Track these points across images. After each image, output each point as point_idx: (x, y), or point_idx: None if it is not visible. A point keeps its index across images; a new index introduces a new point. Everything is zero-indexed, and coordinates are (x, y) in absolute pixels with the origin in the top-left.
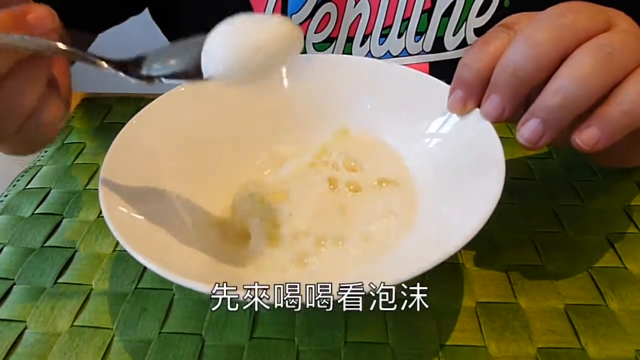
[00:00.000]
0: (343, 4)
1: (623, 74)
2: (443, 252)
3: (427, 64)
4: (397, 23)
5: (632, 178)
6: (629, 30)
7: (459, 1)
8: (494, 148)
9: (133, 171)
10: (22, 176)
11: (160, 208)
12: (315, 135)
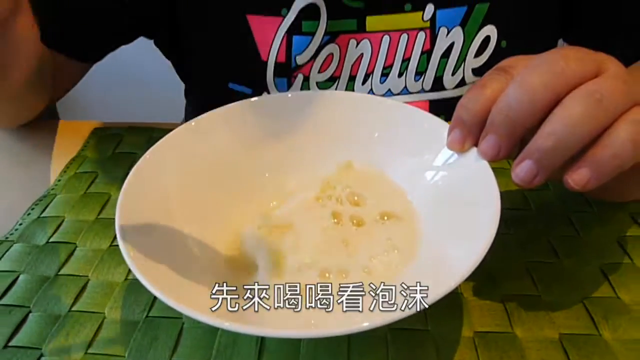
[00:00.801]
0: (345, 45)
1: (612, 119)
2: (442, 290)
3: (427, 102)
4: (398, 63)
5: (626, 210)
6: (618, 76)
7: (457, 43)
8: (491, 186)
9: (147, 204)
10: (36, 205)
11: (172, 240)
12: (320, 168)
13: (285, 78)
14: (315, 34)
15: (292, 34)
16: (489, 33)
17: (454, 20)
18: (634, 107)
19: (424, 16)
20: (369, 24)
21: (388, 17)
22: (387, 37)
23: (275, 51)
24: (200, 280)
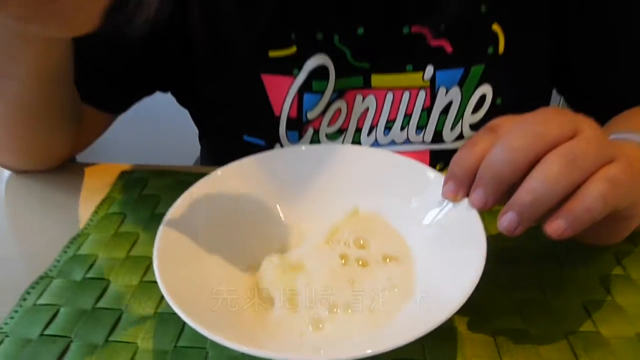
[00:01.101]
0: (352, 100)
1: (585, 177)
2: (432, 324)
3: (427, 152)
4: (400, 118)
5: (610, 250)
6: (591, 138)
7: (455, 101)
8: (479, 232)
9: (179, 246)
10: (71, 243)
11: (201, 277)
12: (330, 215)
13: (297, 131)
14: (325, 92)
15: (303, 92)
16: (485, 92)
17: (452, 81)
18: (605, 166)
19: (424, 76)
20: (374, 81)
21: (391, 76)
22: (391, 93)
23: (288, 107)
24: (226, 312)
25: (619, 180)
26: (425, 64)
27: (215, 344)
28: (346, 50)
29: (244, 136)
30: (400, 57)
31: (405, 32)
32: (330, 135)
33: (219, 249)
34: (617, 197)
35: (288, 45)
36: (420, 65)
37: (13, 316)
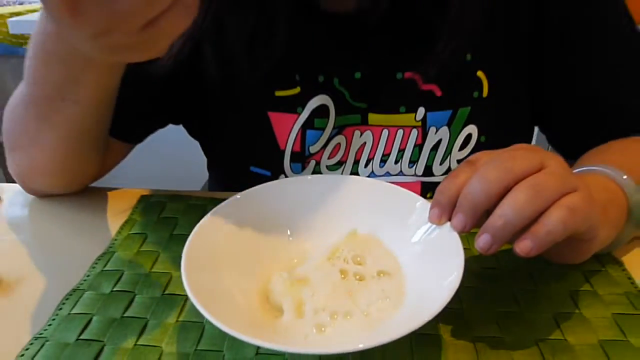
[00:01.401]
0: (351, 135)
1: (548, 204)
2: (416, 324)
3: (419, 183)
4: (394, 153)
5: (580, 268)
6: (555, 171)
7: (444, 139)
8: (459, 251)
9: (202, 260)
10: (99, 260)
11: (221, 287)
12: (332, 236)
13: (300, 164)
14: (325, 129)
15: (306, 128)
16: (471, 131)
17: (442, 121)
18: (566, 195)
19: (416, 117)
20: (371, 119)
21: (386, 115)
22: (386, 130)
23: (292, 142)
24: (242, 318)
25: (577, 207)
26: (417, 106)
27: (230, 347)
28: (345, 91)
29: (251, 167)
30: (395, 100)
31: (398, 77)
32: (330, 167)
33: (236, 264)
34: (575, 222)
35: (293, 86)
36: (413, 107)
37: (51, 323)
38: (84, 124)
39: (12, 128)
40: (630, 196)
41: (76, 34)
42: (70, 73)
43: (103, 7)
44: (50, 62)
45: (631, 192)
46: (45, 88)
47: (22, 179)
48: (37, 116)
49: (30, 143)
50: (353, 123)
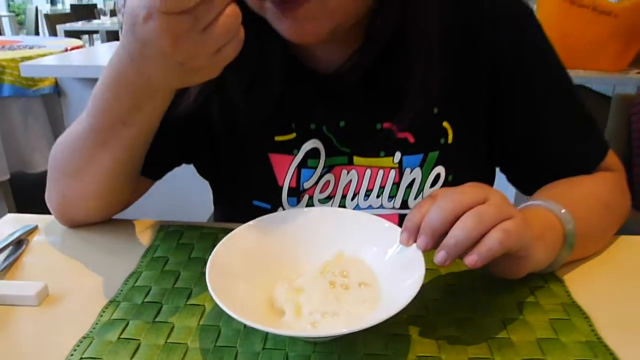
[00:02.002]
0: (339, 174)
1: (489, 228)
2: (385, 317)
3: (397, 215)
4: (376, 189)
5: (527, 284)
6: (496, 203)
7: (417, 178)
8: (421, 265)
9: (221, 272)
10: (129, 278)
11: (235, 296)
12: (323, 255)
13: (295, 198)
14: (317, 168)
15: (300, 167)
16: (439, 171)
17: (415, 163)
18: (503, 221)
19: (394, 160)
20: (356, 161)
21: (369, 159)
22: (369, 170)
23: (289, 179)
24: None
25: (511, 230)
26: (394, 151)
27: (242, 344)
28: (332, 137)
29: (254, 201)
30: (375, 146)
31: (378, 127)
32: (321, 201)
33: (247, 277)
34: (509, 241)
35: (289, 132)
36: (391, 151)
37: (94, 327)
38: (135, 147)
39: (66, 157)
40: (566, 225)
41: (166, 62)
42: (136, 101)
43: (194, 38)
44: (121, 94)
45: (566, 222)
46: (110, 115)
47: (64, 208)
48: (96, 142)
49: (82, 170)
50: (340, 163)
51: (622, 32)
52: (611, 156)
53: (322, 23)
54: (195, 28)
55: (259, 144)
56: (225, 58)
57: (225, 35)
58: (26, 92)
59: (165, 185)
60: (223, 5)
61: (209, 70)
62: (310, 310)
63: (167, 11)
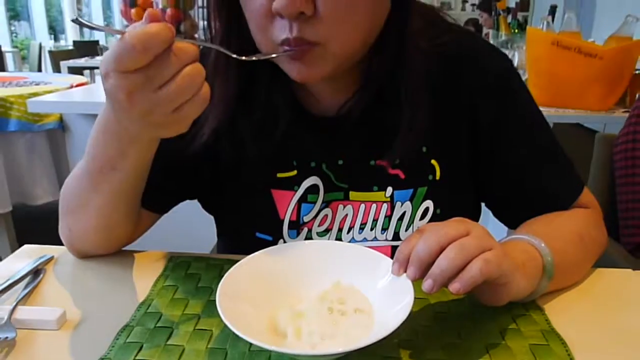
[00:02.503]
0: (335, 208)
1: (470, 258)
2: (376, 339)
3: (389, 247)
4: (370, 222)
5: (510, 313)
6: (477, 236)
7: (407, 212)
8: (410, 293)
9: (230, 296)
10: (141, 305)
11: (241, 320)
12: (323, 284)
13: (296, 230)
14: (316, 203)
15: (301, 202)
16: (428, 205)
17: (405, 198)
18: (484, 252)
19: (386, 194)
20: (351, 196)
21: (363, 193)
22: (363, 205)
23: (290, 213)
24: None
25: (491, 260)
26: (386, 186)
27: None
28: (331, 174)
29: (257, 233)
30: (369, 181)
31: (371, 164)
32: (319, 233)
33: (253, 303)
34: (489, 270)
35: (291, 170)
36: (383, 187)
37: (111, 349)
38: (124, 190)
39: (68, 195)
40: (545, 257)
41: (128, 115)
42: (120, 148)
43: (148, 96)
44: (107, 140)
45: (545, 255)
46: (100, 160)
47: (72, 241)
48: (90, 184)
49: (81, 207)
50: (337, 199)
51: (607, 73)
52: (586, 194)
53: (325, 66)
54: (149, 86)
55: (262, 180)
56: (185, 116)
57: (181, 95)
58: (32, 127)
59: (170, 217)
60: (180, 66)
61: (173, 126)
62: (310, 332)
63: (121, 70)
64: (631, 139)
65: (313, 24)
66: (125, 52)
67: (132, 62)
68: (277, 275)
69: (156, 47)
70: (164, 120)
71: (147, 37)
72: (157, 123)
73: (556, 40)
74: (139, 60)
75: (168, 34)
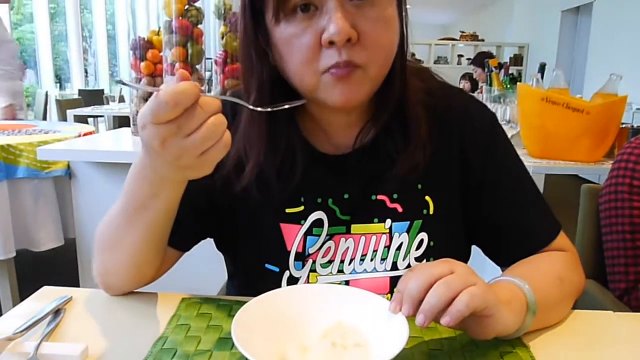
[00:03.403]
0: (338, 241)
1: (456, 293)
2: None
3: (388, 277)
4: (370, 253)
5: (498, 349)
6: (462, 274)
7: (404, 243)
8: (405, 328)
9: (244, 332)
10: (158, 341)
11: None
12: (326, 323)
13: (301, 262)
14: (321, 236)
15: (307, 235)
16: (423, 237)
17: (402, 229)
18: (468, 287)
19: (385, 226)
20: (353, 229)
21: (364, 225)
22: (364, 237)
23: (296, 245)
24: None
25: (476, 293)
26: (385, 219)
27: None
28: (336, 208)
29: (265, 264)
30: (370, 214)
31: (373, 199)
32: (323, 265)
33: (263, 336)
34: (474, 302)
35: (299, 205)
36: (383, 219)
37: None
38: (154, 228)
39: (104, 233)
40: (528, 296)
41: (161, 160)
42: (152, 189)
43: (178, 143)
44: (141, 183)
45: (529, 295)
46: (134, 200)
47: (106, 277)
48: (125, 222)
49: (116, 244)
50: (340, 232)
51: (595, 127)
52: (563, 237)
53: (365, 88)
54: (179, 134)
55: (273, 215)
56: (210, 159)
57: (207, 141)
58: (39, 174)
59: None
60: (205, 117)
61: (200, 168)
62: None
63: (155, 122)
64: (613, 190)
65: (357, 50)
66: (159, 107)
67: (165, 115)
68: (286, 314)
69: (185, 102)
70: (191, 163)
71: (178, 94)
72: (185, 166)
73: (545, 97)
74: (171, 113)
75: (195, 90)
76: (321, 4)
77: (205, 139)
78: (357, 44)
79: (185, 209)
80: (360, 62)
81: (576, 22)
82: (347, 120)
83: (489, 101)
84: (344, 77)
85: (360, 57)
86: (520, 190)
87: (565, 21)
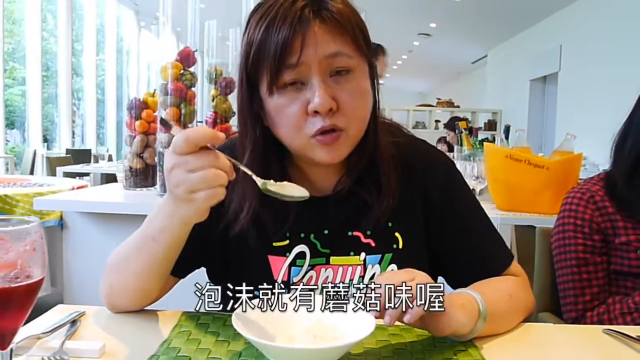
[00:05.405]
0: (319, 271)
1: (414, 295)
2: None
3: None
4: (346, 281)
5: (453, 349)
6: (420, 280)
7: (377, 273)
8: (371, 323)
9: (242, 322)
10: (164, 343)
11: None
12: (309, 321)
13: (286, 290)
14: (303, 267)
15: (291, 266)
16: (393, 268)
17: (375, 261)
18: None
19: (360, 258)
20: (332, 260)
21: (342, 258)
22: (341, 268)
23: (282, 274)
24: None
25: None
26: (360, 252)
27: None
28: (317, 243)
29: (255, 292)
30: (347, 248)
31: (349, 235)
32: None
33: (257, 330)
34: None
35: (284, 239)
36: (358, 252)
37: None
38: (159, 259)
39: (116, 255)
40: (480, 304)
41: (168, 187)
42: (163, 224)
43: (182, 174)
44: (154, 218)
45: (481, 303)
46: (146, 232)
47: (111, 296)
48: (135, 249)
49: (124, 268)
50: (320, 263)
51: (554, 182)
52: (516, 266)
53: (346, 148)
54: (184, 167)
55: (261, 249)
56: (197, 199)
57: (202, 183)
58: None
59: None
60: (211, 164)
61: (189, 203)
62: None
63: (173, 152)
64: (561, 229)
65: (337, 116)
66: (179, 140)
67: (180, 148)
68: (274, 314)
69: (200, 141)
70: (182, 195)
71: (196, 133)
72: (178, 196)
73: (509, 154)
74: (186, 148)
75: (211, 135)
76: (307, 80)
77: (201, 180)
78: (338, 111)
79: (191, 245)
80: (342, 126)
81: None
82: (327, 171)
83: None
84: (329, 142)
85: (341, 122)
86: (477, 223)
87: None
